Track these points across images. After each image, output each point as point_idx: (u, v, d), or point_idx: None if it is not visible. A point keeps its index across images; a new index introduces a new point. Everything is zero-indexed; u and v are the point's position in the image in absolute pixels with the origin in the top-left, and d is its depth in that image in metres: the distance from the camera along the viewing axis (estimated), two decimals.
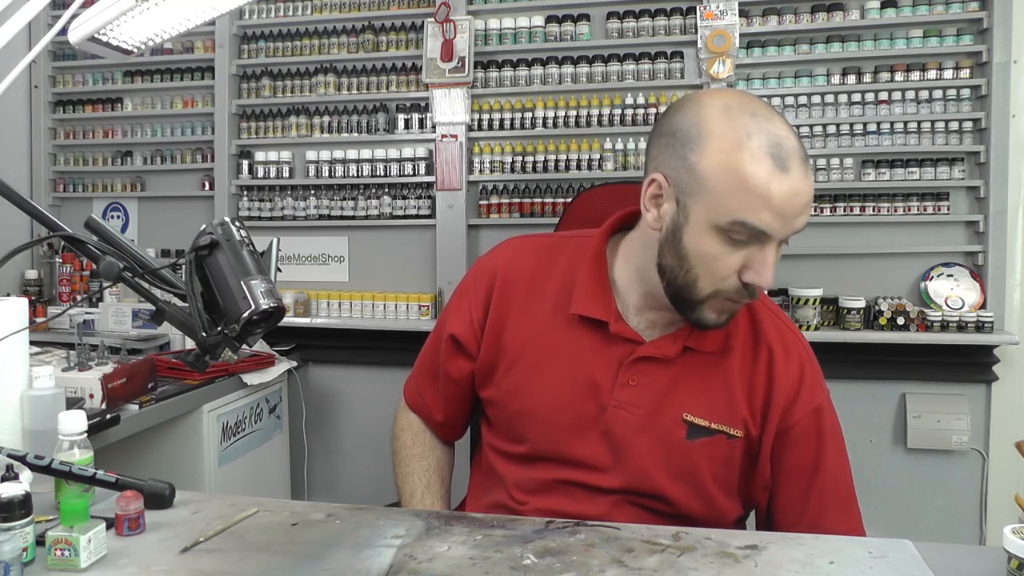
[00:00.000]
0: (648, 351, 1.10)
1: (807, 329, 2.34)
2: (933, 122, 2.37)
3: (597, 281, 1.14)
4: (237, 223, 0.93)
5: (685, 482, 1.09)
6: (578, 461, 1.12)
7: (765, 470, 1.12)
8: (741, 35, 2.44)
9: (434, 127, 2.67)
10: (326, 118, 2.80)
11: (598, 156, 2.57)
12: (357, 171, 2.75)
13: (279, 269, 0.95)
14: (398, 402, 1.38)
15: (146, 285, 0.95)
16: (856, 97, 2.43)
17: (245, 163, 2.86)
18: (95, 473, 1.01)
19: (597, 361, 1.11)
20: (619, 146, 2.56)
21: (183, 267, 0.90)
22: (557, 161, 2.60)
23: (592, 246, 1.17)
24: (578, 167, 2.58)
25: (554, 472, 1.14)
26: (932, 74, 2.38)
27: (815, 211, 2.44)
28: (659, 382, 1.09)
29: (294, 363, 2.52)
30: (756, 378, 1.10)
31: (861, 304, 2.35)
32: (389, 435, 1.35)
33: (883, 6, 2.41)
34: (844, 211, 2.43)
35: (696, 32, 2.47)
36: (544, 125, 2.61)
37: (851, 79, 2.44)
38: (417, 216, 2.71)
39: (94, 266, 0.95)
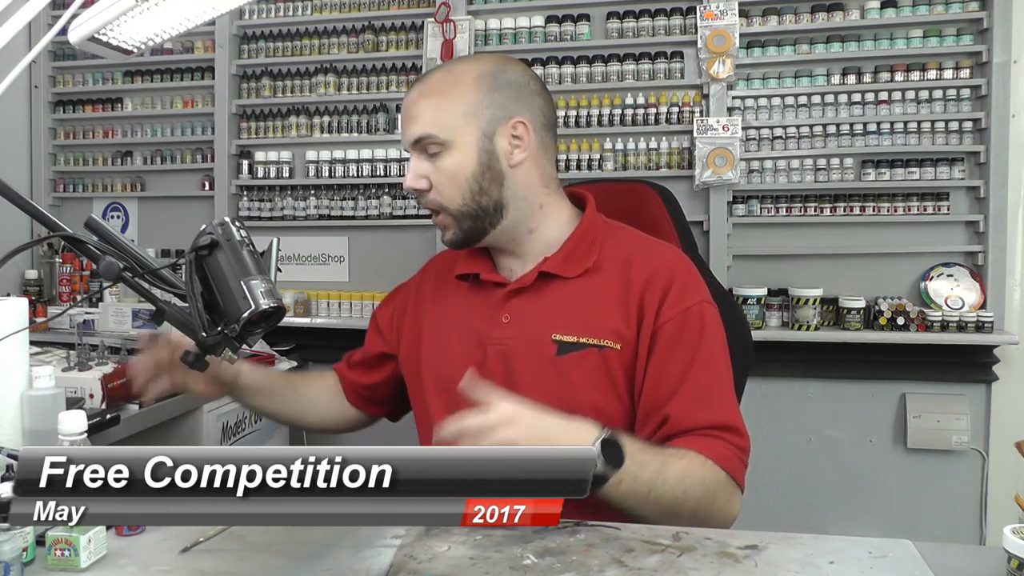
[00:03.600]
0: (512, 286, 1.21)
1: (807, 329, 2.34)
2: (933, 122, 2.37)
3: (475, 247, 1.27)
4: (237, 223, 0.93)
5: (560, 396, 1.12)
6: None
7: (640, 378, 1.15)
8: (741, 35, 2.44)
9: None
10: (326, 118, 2.80)
11: (598, 156, 2.57)
12: (357, 171, 2.75)
13: (279, 269, 0.95)
14: None
15: (146, 285, 0.95)
16: (856, 97, 2.43)
17: (245, 163, 2.86)
18: None
19: (477, 312, 1.23)
20: (619, 146, 2.56)
21: (183, 267, 0.91)
22: (557, 161, 2.59)
23: None
24: (578, 167, 2.58)
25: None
26: (932, 74, 2.38)
27: (815, 211, 2.44)
28: (529, 314, 1.20)
29: (294, 363, 2.51)
30: (630, 292, 1.17)
31: (861, 304, 2.35)
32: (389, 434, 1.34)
33: (883, 6, 2.41)
34: (844, 211, 2.43)
35: (696, 32, 2.46)
36: None
37: (851, 79, 2.44)
38: (417, 216, 2.70)
39: (94, 266, 0.95)
